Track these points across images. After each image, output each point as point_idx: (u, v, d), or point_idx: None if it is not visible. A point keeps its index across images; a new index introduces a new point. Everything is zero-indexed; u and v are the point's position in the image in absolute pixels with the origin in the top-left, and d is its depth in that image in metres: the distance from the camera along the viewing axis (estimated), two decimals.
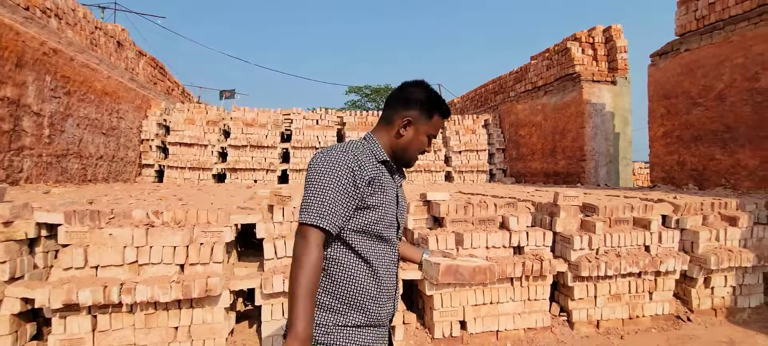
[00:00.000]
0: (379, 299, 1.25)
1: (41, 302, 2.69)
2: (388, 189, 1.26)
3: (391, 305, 1.33)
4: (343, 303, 1.22)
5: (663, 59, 6.23)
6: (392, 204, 1.28)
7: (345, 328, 1.21)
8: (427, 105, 1.30)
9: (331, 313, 1.21)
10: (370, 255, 1.24)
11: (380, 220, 1.23)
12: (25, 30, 4.94)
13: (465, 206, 3.82)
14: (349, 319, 1.21)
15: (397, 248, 1.35)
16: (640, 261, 3.85)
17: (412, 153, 1.34)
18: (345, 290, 1.22)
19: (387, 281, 1.28)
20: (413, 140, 1.32)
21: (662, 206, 4.37)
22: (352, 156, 1.19)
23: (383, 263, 1.27)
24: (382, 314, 1.27)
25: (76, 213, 2.97)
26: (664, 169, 6.24)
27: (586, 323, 3.88)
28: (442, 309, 3.48)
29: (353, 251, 1.23)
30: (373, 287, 1.24)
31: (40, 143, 5.34)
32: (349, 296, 1.22)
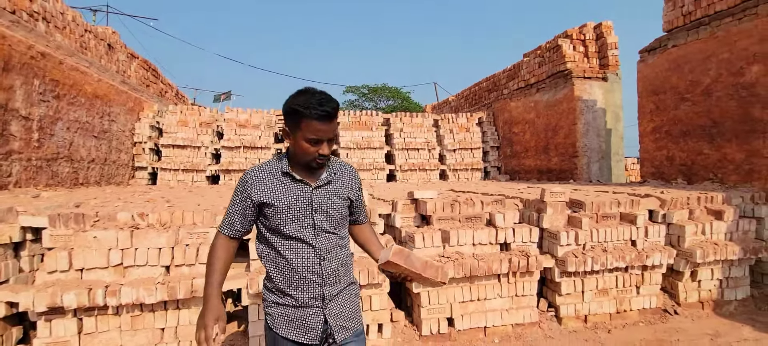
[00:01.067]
0: (296, 285, 1.50)
1: (25, 305, 2.69)
2: (287, 195, 1.49)
3: (314, 290, 1.51)
4: (273, 286, 1.54)
5: (651, 55, 6.26)
6: (291, 208, 1.48)
7: (277, 305, 1.53)
8: (291, 115, 1.44)
9: (269, 292, 1.56)
10: (282, 249, 1.50)
11: (281, 221, 1.48)
12: (11, 34, 4.93)
13: (452, 204, 3.84)
14: (278, 299, 1.53)
15: (313, 241, 1.51)
16: (626, 256, 3.88)
17: (302, 159, 1.49)
18: (271, 276, 1.54)
19: (301, 270, 1.49)
20: (296, 147, 1.47)
21: (649, 201, 4.39)
22: (252, 174, 1.52)
23: (296, 255, 1.50)
24: (303, 297, 1.50)
25: (60, 216, 2.98)
26: (653, 165, 6.28)
27: (573, 318, 3.90)
28: (430, 306, 3.51)
29: (270, 246, 1.53)
30: (288, 274, 1.50)
31: (30, 147, 5.34)
32: (274, 281, 1.53)
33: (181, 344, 3.02)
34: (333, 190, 1.56)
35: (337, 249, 1.56)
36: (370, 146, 9.97)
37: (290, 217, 1.48)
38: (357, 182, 1.68)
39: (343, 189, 1.59)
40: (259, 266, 3.30)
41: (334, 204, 1.55)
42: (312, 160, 1.47)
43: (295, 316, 1.50)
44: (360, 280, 3.22)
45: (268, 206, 1.48)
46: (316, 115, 1.40)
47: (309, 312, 1.51)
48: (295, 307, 1.50)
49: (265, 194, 1.49)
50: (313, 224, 1.50)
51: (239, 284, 3.16)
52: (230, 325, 3.59)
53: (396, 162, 10.10)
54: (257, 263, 3.31)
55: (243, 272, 3.38)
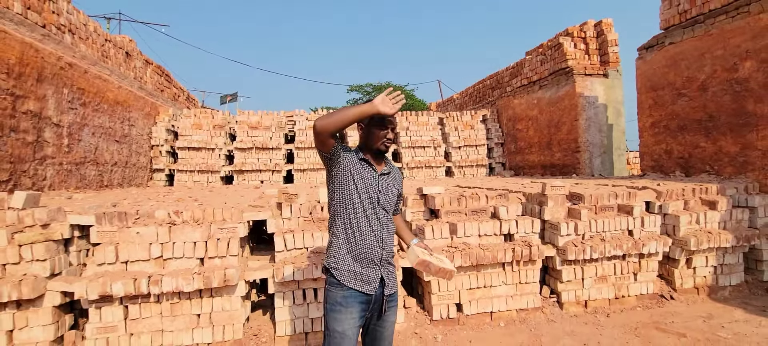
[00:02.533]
0: (365, 247, 1.87)
1: (80, 294, 3.02)
2: (365, 175, 1.89)
3: (376, 252, 1.88)
4: (343, 248, 1.87)
5: (649, 52, 6.47)
6: (367, 185, 1.88)
7: (346, 265, 1.86)
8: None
9: (337, 255, 1.87)
10: (357, 217, 1.87)
11: (360, 193, 1.86)
12: (43, 46, 5.28)
13: (458, 199, 4.12)
14: (347, 260, 1.86)
15: (375, 216, 1.91)
16: (623, 244, 4.13)
17: (374, 143, 1.90)
18: (342, 240, 1.88)
19: (369, 235, 1.88)
20: (369, 133, 1.90)
21: (646, 193, 4.64)
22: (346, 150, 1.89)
23: (367, 223, 1.88)
24: (369, 257, 1.87)
25: (105, 215, 3.30)
26: (653, 158, 6.50)
27: (574, 304, 4.16)
28: (440, 293, 3.79)
29: (345, 214, 1.88)
30: (359, 238, 1.87)
31: (61, 152, 5.69)
32: (345, 244, 1.87)
33: (215, 328, 3.33)
34: (390, 180, 1.99)
35: (390, 225, 1.97)
36: None
37: (366, 192, 1.86)
38: (401, 180, 2.14)
39: (395, 182, 2.03)
40: (283, 257, 3.61)
41: (390, 190, 1.98)
42: (382, 142, 1.89)
43: (360, 272, 1.85)
44: None
45: (355, 176, 1.85)
46: None
47: (371, 270, 1.87)
48: (361, 264, 1.85)
49: (354, 166, 1.87)
50: (378, 200, 1.91)
51: (265, 274, 3.47)
52: (255, 313, 3.91)
53: (403, 160, 10.38)
54: (282, 254, 3.61)
55: (268, 263, 3.69)
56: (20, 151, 4.82)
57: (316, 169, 9.96)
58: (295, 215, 3.74)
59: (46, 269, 3.11)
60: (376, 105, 1.75)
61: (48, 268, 3.11)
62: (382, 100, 1.77)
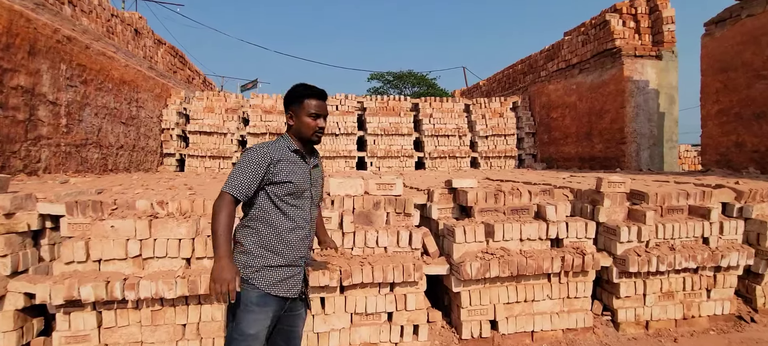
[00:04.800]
0: (292, 246, 1.79)
1: (42, 297, 2.54)
2: (298, 169, 1.79)
3: (303, 251, 1.85)
4: (265, 247, 1.75)
5: (719, 28, 5.53)
6: (301, 180, 1.79)
7: (267, 268, 1.75)
8: (296, 97, 1.82)
9: (256, 254, 1.75)
10: (285, 214, 1.78)
11: (292, 190, 1.77)
12: (36, 17, 4.85)
13: (495, 194, 3.44)
14: (269, 260, 1.75)
15: (308, 210, 1.86)
16: (697, 255, 3.39)
17: (306, 132, 1.80)
18: (265, 239, 1.75)
19: (298, 233, 1.82)
20: (301, 123, 1.80)
21: (722, 193, 3.85)
22: (269, 148, 1.75)
23: (296, 220, 1.80)
24: (295, 256, 1.81)
25: (77, 204, 2.81)
26: (718, 152, 5.60)
27: (633, 324, 3.47)
28: (471, 307, 3.16)
29: (271, 211, 1.76)
30: (286, 236, 1.78)
31: (58, 133, 5.30)
32: (267, 243, 1.75)
33: (203, 341, 2.82)
34: (319, 172, 1.96)
35: (314, 220, 1.94)
36: (398, 133, 9.60)
37: (299, 187, 1.78)
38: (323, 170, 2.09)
39: (321, 175, 1.99)
40: None
41: (320, 183, 1.95)
42: (313, 132, 1.80)
43: (284, 274, 1.77)
44: (395, 277, 2.91)
45: (285, 176, 1.74)
46: (315, 94, 1.81)
47: (296, 270, 1.82)
48: (285, 266, 1.77)
49: (284, 166, 1.75)
50: (310, 196, 1.87)
51: None
52: None
53: (425, 149, 9.69)
54: None
55: None
56: (9, 130, 4.42)
57: (332, 156, 9.40)
58: None
59: (7, 266, 2.64)
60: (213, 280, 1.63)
61: (9, 265, 2.65)
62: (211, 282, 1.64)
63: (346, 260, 2.98)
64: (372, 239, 3.13)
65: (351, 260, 2.97)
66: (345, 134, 9.54)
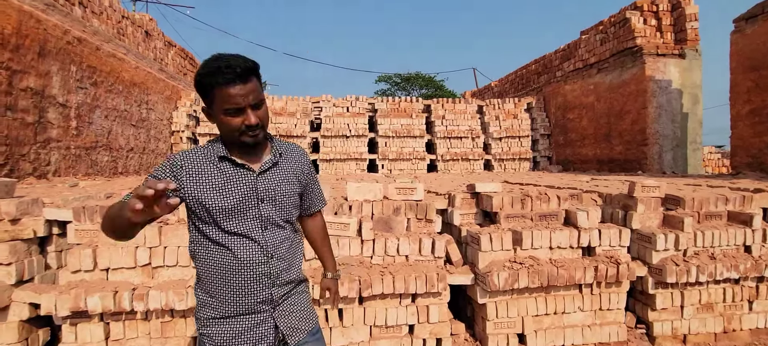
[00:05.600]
0: (240, 289, 1.25)
1: (47, 308, 2.41)
2: (227, 184, 1.24)
3: (261, 292, 1.28)
4: (210, 294, 1.28)
5: (750, 24, 5.28)
6: (232, 199, 1.23)
7: (215, 320, 1.27)
8: (201, 89, 1.21)
9: (205, 303, 1.28)
10: (221, 248, 1.25)
11: (219, 215, 1.23)
12: (47, 18, 4.77)
13: (522, 200, 3.25)
14: (217, 310, 1.27)
15: (260, 235, 1.27)
16: (740, 264, 3.16)
17: (229, 136, 1.24)
18: (207, 282, 1.28)
19: (246, 271, 1.25)
20: (220, 125, 1.23)
21: (763, 197, 3.60)
22: (183, 157, 1.24)
23: (239, 254, 1.24)
24: (249, 302, 1.27)
25: (85, 209, 2.68)
26: (749, 154, 5.34)
27: (670, 338, 3.25)
28: (497, 320, 2.97)
29: (205, 245, 1.27)
30: (230, 278, 1.25)
31: (68, 135, 5.22)
32: (211, 288, 1.27)
33: None
34: (281, 174, 1.34)
35: (287, 243, 1.34)
36: (409, 134, 9.42)
37: (231, 210, 1.24)
38: (307, 161, 1.46)
39: (292, 172, 1.37)
40: None
41: (282, 191, 1.32)
42: (240, 134, 1.22)
43: (240, 328, 1.27)
44: (417, 288, 2.73)
45: (204, 196, 1.22)
46: (225, 80, 1.16)
47: (256, 319, 1.29)
48: (238, 316, 1.27)
49: (200, 183, 1.23)
50: (259, 215, 1.28)
51: None
52: None
53: (437, 151, 9.50)
54: None
55: None
56: (18, 133, 4.34)
57: (344, 159, 9.26)
58: None
59: (12, 274, 2.52)
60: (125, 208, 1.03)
61: (14, 273, 2.53)
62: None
63: (365, 269, 2.81)
64: (392, 246, 2.96)
65: (371, 270, 2.80)
66: (356, 136, 9.39)
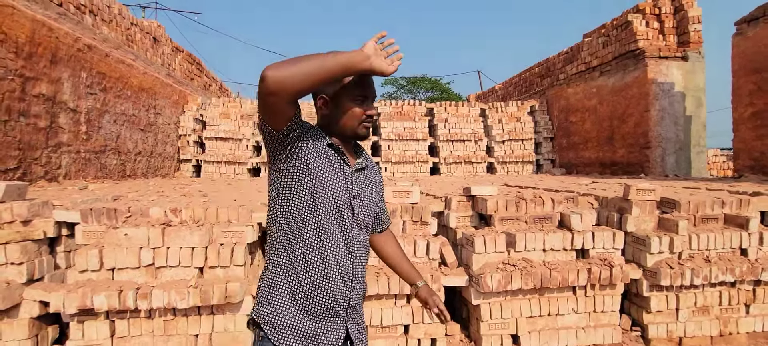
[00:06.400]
0: (323, 288, 1.19)
1: (56, 306, 2.52)
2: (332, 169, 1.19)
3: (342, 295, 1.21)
4: (290, 289, 1.19)
5: (752, 26, 5.27)
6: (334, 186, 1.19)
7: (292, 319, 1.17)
8: None
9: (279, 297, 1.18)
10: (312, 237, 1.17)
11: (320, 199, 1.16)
12: (58, 26, 4.94)
13: (517, 202, 3.30)
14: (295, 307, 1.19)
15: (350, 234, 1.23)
16: (736, 268, 3.17)
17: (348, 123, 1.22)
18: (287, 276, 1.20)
19: (333, 268, 1.19)
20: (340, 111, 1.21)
21: (761, 201, 3.61)
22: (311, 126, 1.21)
23: (328, 248, 1.18)
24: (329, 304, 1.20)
25: (92, 212, 2.79)
26: (752, 156, 5.32)
27: (665, 340, 3.27)
28: (491, 321, 3.02)
29: (295, 232, 1.18)
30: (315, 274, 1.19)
31: (78, 140, 5.38)
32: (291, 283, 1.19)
33: None
34: (368, 178, 1.31)
35: (365, 251, 1.30)
36: (412, 137, 9.49)
37: (331, 197, 1.18)
38: (381, 176, 1.43)
39: (375, 181, 1.35)
40: None
41: (368, 195, 1.29)
42: (359, 123, 1.22)
43: (313, 331, 1.17)
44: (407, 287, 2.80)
45: (315, 173, 1.16)
46: None
47: (331, 326, 1.20)
48: (316, 318, 1.18)
49: (317, 157, 1.17)
50: (351, 211, 1.22)
51: None
52: None
53: (440, 154, 9.55)
54: None
55: None
56: (31, 138, 4.50)
57: None
58: None
59: (23, 273, 2.64)
60: (369, 56, 1.05)
61: (25, 272, 2.64)
62: (375, 49, 1.06)
63: None
64: None
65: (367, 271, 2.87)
66: None
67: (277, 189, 1.18)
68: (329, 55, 1.03)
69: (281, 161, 1.15)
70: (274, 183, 1.19)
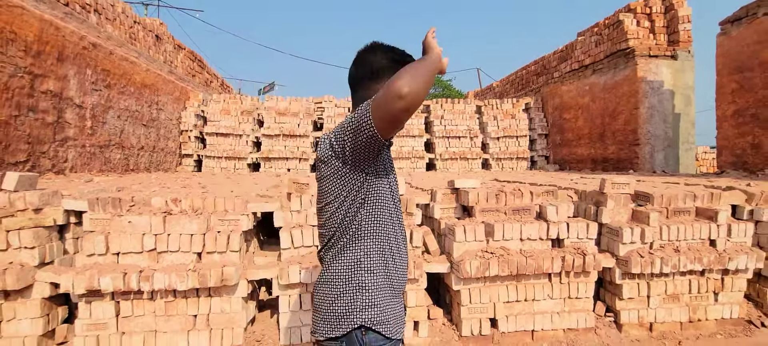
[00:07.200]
0: (401, 270, 1.33)
1: (66, 287, 2.74)
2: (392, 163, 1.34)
3: (406, 273, 1.37)
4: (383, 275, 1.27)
5: (736, 26, 5.42)
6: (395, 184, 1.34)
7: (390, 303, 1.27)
8: (395, 68, 1.14)
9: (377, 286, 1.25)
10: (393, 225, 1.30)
11: (394, 190, 1.32)
12: (65, 25, 5.15)
13: (497, 195, 3.50)
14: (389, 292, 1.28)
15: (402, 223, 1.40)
16: (703, 257, 3.35)
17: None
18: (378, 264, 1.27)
19: (404, 251, 1.37)
20: None
21: (732, 195, 3.79)
22: None
23: (401, 233, 1.35)
24: (403, 282, 1.35)
25: (99, 201, 3.01)
26: (734, 153, 5.48)
27: (636, 326, 3.46)
28: (471, 305, 3.22)
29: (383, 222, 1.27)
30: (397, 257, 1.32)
31: (83, 134, 5.60)
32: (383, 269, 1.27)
33: (213, 331, 2.97)
34: None
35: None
36: (408, 134, 9.67)
37: (396, 187, 1.34)
38: None
39: None
40: (290, 255, 3.18)
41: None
42: None
43: (400, 310, 1.31)
44: None
45: (390, 172, 1.30)
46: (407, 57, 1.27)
47: (401, 302, 1.34)
48: (399, 297, 1.32)
49: (389, 157, 1.33)
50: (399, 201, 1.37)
51: (269, 273, 3.05)
52: (263, 314, 3.52)
53: (436, 151, 9.73)
54: (288, 252, 3.19)
55: (275, 261, 3.27)
56: (39, 132, 4.72)
57: None
58: (305, 208, 3.29)
59: (35, 257, 2.86)
60: (443, 64, 1.21)
61: (37, 256, 2.86)
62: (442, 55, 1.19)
63: None
64: None
65: None
66: None
67: (357, 190, 1.21)
68: (430, 62, 1.11)
69: (370, 165, 1.20)
70: (347, 186, 1.21)
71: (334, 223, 1.24)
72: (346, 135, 1.12)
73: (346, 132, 1.12)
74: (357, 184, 1.20)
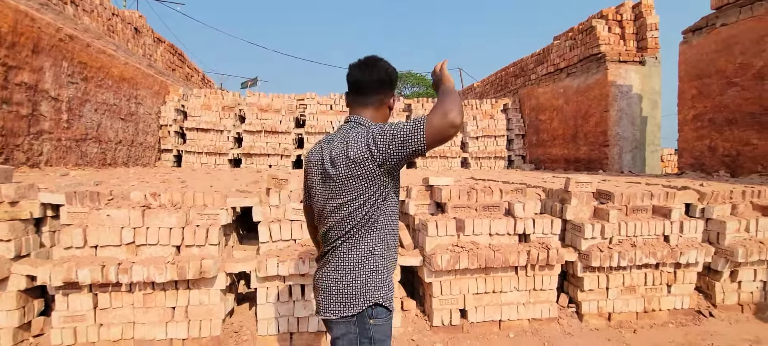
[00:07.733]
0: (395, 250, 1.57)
1: (43, 279, 2.77)
2: None
3: None
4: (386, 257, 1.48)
5: (696, 36, 5.76)
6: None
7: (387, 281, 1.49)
8: (395, 82, 1.55)
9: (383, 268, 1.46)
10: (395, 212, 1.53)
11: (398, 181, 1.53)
12: (40, 16, 5.07)
13: (468, 192, 3.67)
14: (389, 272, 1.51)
15: None
16: (657, 252, 3.61)
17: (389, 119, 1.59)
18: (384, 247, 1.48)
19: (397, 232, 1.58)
20: (388, 110, 1.55)
21: (686, 194, 4.07)
22: None
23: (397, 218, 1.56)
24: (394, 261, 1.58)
25: (76, 194, 3.03)
26: (693, 155, 5.83)
27: (596, 316, 3.69)
28: (442, 297, 3.38)
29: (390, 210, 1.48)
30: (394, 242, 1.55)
31: (59, 128, 5.53)
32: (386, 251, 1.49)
33: (191, 323, 3.04)
34: None
35: None
36: None
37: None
38: None
39: None
40: (268, 249, 3.28)
41: None
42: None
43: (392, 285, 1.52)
44: None
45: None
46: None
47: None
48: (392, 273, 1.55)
49: None
50: None
51: (248, 267, 3.14)
52: (241, 307, 3.61)
53: None
54: (266, 246, 3.28)
55: (254, 255, 3.36)
56: (13, 125, 4.65)
57: None
58: (283, 203, 3.39)
59: (11, 249, 2.87)
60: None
61: (12, 249, 2.87)
62: None
63: None
64: None
65: None
66: None
67: (382, 189, 1.41)
68: (454, 88, 1.41)
69: (399, 169, 1.43)
70: (375, 185, 1.38)
71: (356, 217, 1.39)
72: (393, 144, 1.30)
73: (394, 141, 1.30)
74: (383, 184, 1.39)
